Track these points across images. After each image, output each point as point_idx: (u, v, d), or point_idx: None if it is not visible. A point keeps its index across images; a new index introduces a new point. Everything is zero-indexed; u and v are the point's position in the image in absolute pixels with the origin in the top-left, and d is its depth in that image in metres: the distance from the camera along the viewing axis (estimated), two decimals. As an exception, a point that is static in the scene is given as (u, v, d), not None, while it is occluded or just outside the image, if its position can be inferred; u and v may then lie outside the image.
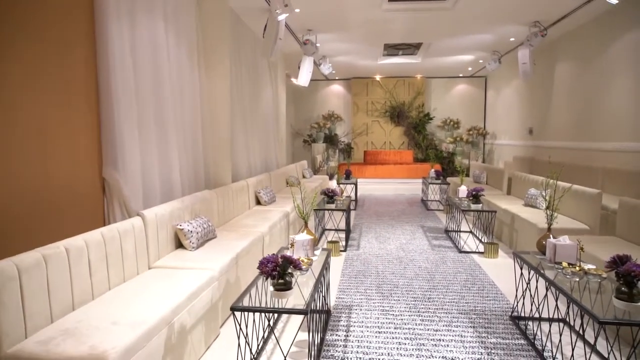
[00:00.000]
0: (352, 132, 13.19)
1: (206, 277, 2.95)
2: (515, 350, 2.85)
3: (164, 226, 3.44)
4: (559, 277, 2.70)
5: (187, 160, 4.52)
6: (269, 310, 2.24)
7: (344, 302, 3.70)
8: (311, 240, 3.10)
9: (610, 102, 6.19)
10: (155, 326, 2.23)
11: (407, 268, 4.59)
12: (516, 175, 6.91)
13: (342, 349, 2.88)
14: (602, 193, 4.60)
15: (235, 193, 5.26)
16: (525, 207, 5.63)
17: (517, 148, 10.05)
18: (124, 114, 3.37)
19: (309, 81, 8.88)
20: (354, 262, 4.81)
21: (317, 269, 2.92)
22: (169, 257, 3.41)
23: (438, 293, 3.88)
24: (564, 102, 7.68)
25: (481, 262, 4.81)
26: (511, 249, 5.41)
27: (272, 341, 3.01)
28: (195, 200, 4.08)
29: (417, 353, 2.82)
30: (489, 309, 3.54)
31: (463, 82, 12.91)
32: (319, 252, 3.30)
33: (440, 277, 4.31)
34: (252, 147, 6.77)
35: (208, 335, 2.93)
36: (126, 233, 2.94)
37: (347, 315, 3.43)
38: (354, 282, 4.19)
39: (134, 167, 3.48)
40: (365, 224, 6.91)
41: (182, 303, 2.55)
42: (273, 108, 8.28)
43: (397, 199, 9.62)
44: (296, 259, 2.40)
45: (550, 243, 2.95)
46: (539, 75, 8.46)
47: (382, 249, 5.34)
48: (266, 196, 6.10)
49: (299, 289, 2.50)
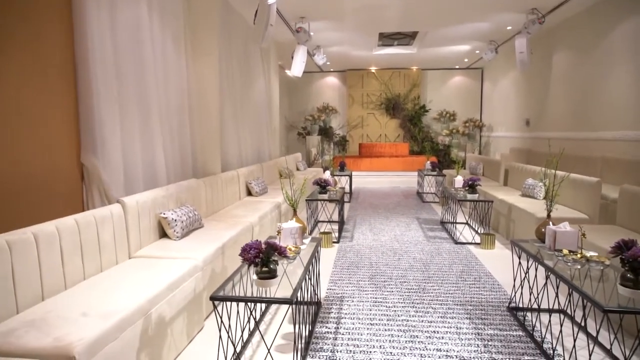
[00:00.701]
0: (347, 125, 13.03)
1: (188, 267, 2.80)
2: (513, 342, 2.71)
3: (146, 214, 3.29)
4: (559, 265, 2.56)
5: (173, 148, 4.36)
6: (250, 300, 2.09)
7: (335, 293, 3.56)
8: (300, 228, 2.95)
9: (609, 91, 6.06)
10: (129, 317, 2.08)
11: (401, 259, 4.45)
12: (513, 166, 6.78)
13: (331, 342, 2.74)
14: (602, 182, 4.47)
15: (224, 183, 5.10)
16: (522, 198, 5.51)
17: (513, 140, 9.93)
18: (104, 99, 3.20)
19: (302, 71, 8.70)
20: (346, 254, 4.67)
21: (306, 258, 2.77)
22: (152, 246, 3.26)
23: (433, 284, 3.75)
24: (562, 92, 7.55)
25: (477, 253, 4.68)
26: (508, 240, 5.29)
27: (258, 334, 2.87)
28: (180, 188, 3.92)
29: (410, 345, 2.69)
30: (485, 300, 3.41)
31: (459, 73, 12.75)
32: (309, 241, 3.15)
33: (435, 268, 4.18)
34: (244, 137, 6.60)
35: (191, 328, 2.78)
36: (104, 220, 2.78)
37: (338, 306, 3.29)
38: (347, 273, 4.05)
39: (114, 153, 3.31)
40: (359, 215, 6.77)
41: (161, 293, 2.40)
42: (266, 99, 8.11)
43: (392, 191, 9.49)
44: (281, 246, 2.25)
45: (550, 230, 2.81)
46: (536, 65, 8.32)
47: (376, 241, 5.20)
48: (257, 187, 5.94)
49: (287, 279, 2.35)
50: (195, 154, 4.89)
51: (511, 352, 2.60)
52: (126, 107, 3.53)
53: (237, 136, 6.27)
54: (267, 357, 2.26)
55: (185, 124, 4.65)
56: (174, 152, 4.39)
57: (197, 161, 4.93)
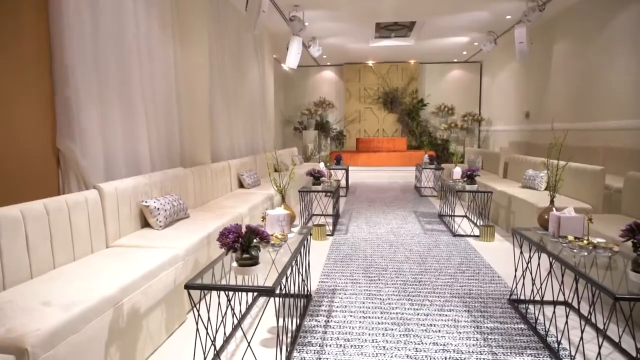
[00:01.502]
0: (344, 120, 12.84)
1: (168, 256, 2.62)
2: (514, 336, 2.54)
3: (126, 202, 3.10)
4: (564, 253, 2.39)
5: (159, 136, 4.17)
6: (227, 288, 1.91)
7: (327, 286, 3.38)
8: (288, 215, 2.78)
9: (611, 80, 5.89)
10: (95, 307, 1.90)
11: (397, 252, 4.28)
12: (513, 158, 6.61)
13: (320, 335, 2.56)
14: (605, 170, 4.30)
15: (215, 174, 4.92)
16: (522, 189, 5.34)
17: (513, 133, 9.75)
18: (81, 82, 3.02)
19: (297, 63, 8.52)
20: (340, 246, 4.49)
21: (294, 246, 2.59)
22: (133, 235, 3.08)
23: (430, 276, 3.58)
24: (562, 83, 7.38)
25: (476, 246, 4.50)
26: (508, 232, 5.12)
27: (244, 327, 2.69)
28: (165, 177, 3.74)
29: (404, 339, 2.51)
30: (485, 292, 3.23)
31: (458, 67, 12.57)
32: (298, 230, 2.98)
33: (432, 260, 4.01)
34: (236, 128, 6.42)
35: (171, 321, 2.61)
36: (77, 206, 2.60)
37: (329, 299, 3.11)
38: (340, 265, 3.88)
39: (92, 138, 3.13)
40: (355, 209, 6.59)
41: (135, 283, 2.22)
42: (260, 91, 7.92)
43: (390, 186, 9.31)
44: (264, 230, 2.07)
45: (553, 216, 2.64)
46: (535, 56, 8.14)
47: (372, 234, 5.03)
48: (250, 179, 5.76)
49: (272, 267, 2.17)
50: (183, 143, 4.70)
51: (513, 345, 2.43)
52: (106, 91, 3.35)
53: (228, 127, 6.08)
54: (247, 351, 2.09)
55: (173, 113, 4.46)
56: (160, 140, 4.20)
57: (186, 151, 4.75)
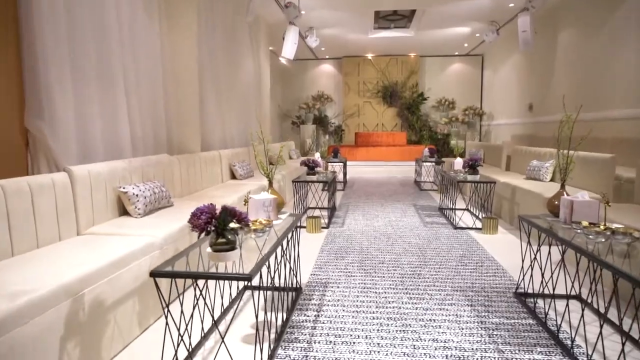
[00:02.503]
0: (343, 114, 12.60)
1: (143, 244, 2.39)
2: (522, 332, 2.31)
3: (101, 187, 2.87)
4: (578, 240, 2.15)
5: (142, 121, 3.93)
6: (198, 276, 1.68)
7: (319, 278, 3.15)
8: (274, 200, 2.55)
9: (619, 68, 5.65)
10: (48, 297, 1.67)
11: (395, 244, 4.05)
12: (516, 150, 6.37)
13: (309, 331, 2.33)
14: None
15: (204, 163, 4.69)
16: (527, 180, 5.10)
17: (515, 127, 9.51)
18: (52, 59, 2.80)
19: (294, 54, 8.29)
20: (336, 239, 4.26)
21: (281, 233, 2.36)
22: (109, 223, 2.84)
23: (430, 269, 3.34)
24: (567, 73, 7.13)
25: (479, 238, 4.27)
26: (512, 225, 4.88)
27: (226, 322, 2.46)
28: (148, 162, 3.51)
29: (401, 335, 2.28)
30: (489, 285, 3.00)
31: (459, 60, 12.32)
32: (286, 217, 2.75)
33: (432, 253, 3.77)
34: (229, 118, 6.18)
35: (144, 315, 2.38)
36: (42, 189, 2.37)
37: (321, 292, 2.88)
38: (334, 258, 3.65)
39: (65, 119, 2.90)
40: (352, 202, 6.36)
41: (100, 271, 1.99)
42: (255, 82, 7.68)
43: (389, 180, 9.08)
44: (242, 212, 1.84)
45: (565, 201, 2.41)
46: (539, 47, 7.89)
47: (369, 226, 4.80)
48: (242, 170, 5.53)
49: (255, 256, 1.94)
50: (170, 130, 4.47)
51: (521, 342, 2.19)
52: (81, 70, 3.12)
53: (220, 116, 5.85)
54: (225, 348, 1.86)
55: (159, 97, 4.23)
56: (145, 125, 3.97)
57: (173, 138, 4.52)
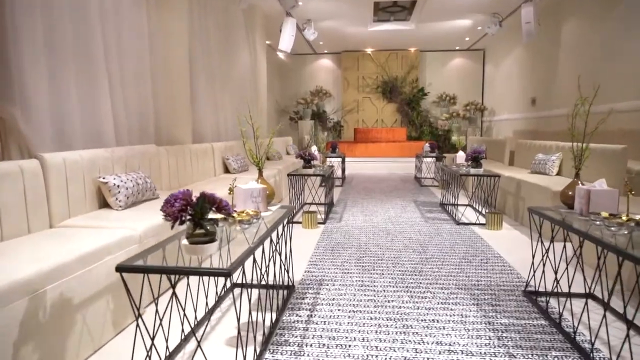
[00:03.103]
0: (341, 109, 12.38)
1: (119, 237, 2.19)
2: (534, 334, 2.11)
3: (78, 177, 2.67)
4: (597, 232, 1.95)
5: (127, 109, 3.72)
6: (170, 271, 1.48)
7: (314, 276, 2.94)
8: (262, 190, 2.34)
9: (626, 59, 5.44)
10: (1, 295, 1.46)
11: (395, 240, 3.84)
12: (520, 144, 6.17)
13: (301, 333, 2.13)
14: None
15: (195, 155, 4.48)
16: (532, 175, 4.90)
17: (517, 122, 9.30)
18: (25, 39, 2.58)
19: (291, 46, 8.08)
20: (333, 234, 4.06)
21: (271, 225, 2.15)
22: (86, 216, 2.64)
23: (432, 266, 3.14)
24: (572, 65, 6.92)
25: (483, 234, 4.07)
26: (517, 221, 4.68)
27: (213, 322, 2.25)
28: (132, 152, 3.30)
29: (401, 337, 2.08)
30: (495, 283, 2.80)
31: (460, 55, 12.10)
32: (277, 209, 2.54)
33: (434, 249, 3.57)
34: (222, 111, 5.97)
35: (121, 315, 2.17)
36: (7, 178, 2.16)
37: (315, 291, 2.68)
38: (330, 254, 3.44)
39: (39, 102, 2.69)
40: (351, 198, 6.16)
41: (66, 266, 1.78)
42: (251, 75, 7.47)
43: (389, 177, 8.88)
44: (222, 199, 1.63)
45: (581, 190, 2.20)
46: (542, 39, 7.68)
47: (368, 222, 4.59)
48: (236, 163, 5.32)
49: (240, 250, 1.73)
50: (159, 120, 4.26)
51: (533, 346, 1.99)
52: (58, 54, 2.90)
53: (214, 108, 5.64)
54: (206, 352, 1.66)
55: (146, 84, 4.01)
56: (130, 113, 3.75)
57: (162, 128, 4.30)
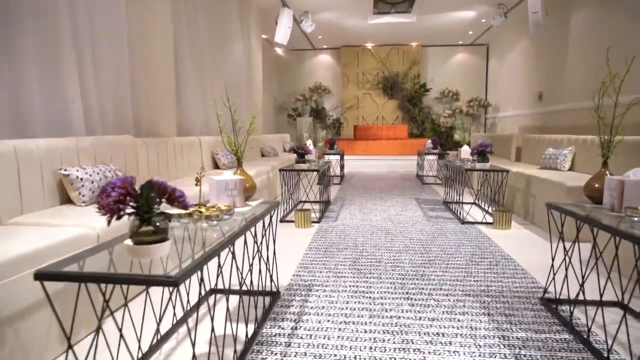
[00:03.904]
0: (341, 106, 12.05)
1: (70, 236, 1.87)
2: (558, 351, 1.78)
3: (34, 169, 2.35)
4: (635, 230, 1.62)
5: (101, 97, 3.39)
6: (100, 279, 1.16)
7: (303, 280, 2.62)
8: (240, 181, 2.02)
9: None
10: None
11: (394, 240, 3.52)
12: (528, 139, 5.85)
13: (282, 348, 1.80)
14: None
15: (180, 149, 4.17)
16: (542, 170, 4.58)
17: (523, 118, 8.96)
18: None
19: (287, 39, 7.80)
20: (327, 234, 3.74)
21: (248, 221, 1.83)
22: (43, 212, 2.32)
23: (435, 269, 2.81)
24: (582, 57, 6.58)
25: (490, 234, 3.74)
26: (526, 219, 4.35)
27: (181, 335, 1.93)
28: (102, 143, 2.99)
29: (401, 355, 1.75)
30: (508, 289, 2.47)
31: (463, 50, 11.76)
32: (257, 204, 2.22)
33: (437, 250, 3.25)
34: (213, 104, 5.64)
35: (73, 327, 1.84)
36: (-61, 166, 1.85)
37: (303, 298, 2.36)
38: (323, 255, 3.12)
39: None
40: (349, 196, 5.84)
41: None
42: (245, 69, 7.16)
43: (389, 175, 8.56)
44: (174, 188, 1.31)
45: (612, 182, 1.88)
46: (549, 30, 7.34)
47: (366, 221, 4.27)
48: (226, 159, 5.00)
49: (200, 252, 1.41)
50: (138, 109, 3.93)
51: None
52: (12, 26, 2.59)
53: (203, 101, 5.32)
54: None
55: (123, 69, 3.68)
56: (103, 100, 3.42)
57: (142, 119, 3.98)
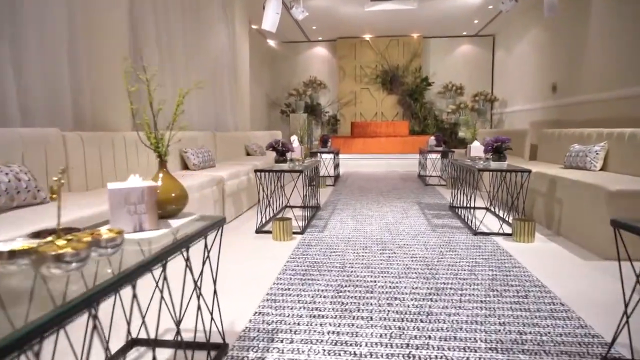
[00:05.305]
0: (337, 102, 11.33)
1: None
2: None
3: None
4: None
5: (25, 77, 2.70)
6: None
7: (266, 322, 1.91)
8: (149, 190, 1.31)
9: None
10: None
11: (392, 259, 2.81)
12: (546, 134, 5.14)
13: None
14: None
15: (134, 145, 3.47)
16: (568, 170, 3.87)
17: (534, 112, 8.25)
18: None
19: (276, 25, 7.09)
20: (310, 249, 3.03)
21: (154, 252, 1.12)
22: None
23: (446, 303, 2.10)
24: (603, 44, 5.86)
25: (510, 249, 3.03)
26: (551, 229, 3.64)
27: None
28: (9, 136, 2.28)
29: None
30: (549, 338, 1.76)
31: (467, 42, 11.03)
32: (187, 221, 1.52)
33: (447, 273, 2.54)
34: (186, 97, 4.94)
35: None
36: None
37: (258, 355, 1.65)
38: (299, 281, 2.41)
39: None
40: (342, 200, 5.13)
41: None
42: (229, 60, 6.49)
43: (388, 175, 7.85)
44: None
45: None
46: (566, 16, 6.63)
47: (359, 231, 3.57)
48: (196, 158, 4.29)
49: None
50: (80, 97, 3.23)
51: None
52: None
53: (173, 93, 4.62)
54: None
55: (59, 50, 3.00)
56: (30, 84, 2.73)
57: (84, 109, 3.27)
